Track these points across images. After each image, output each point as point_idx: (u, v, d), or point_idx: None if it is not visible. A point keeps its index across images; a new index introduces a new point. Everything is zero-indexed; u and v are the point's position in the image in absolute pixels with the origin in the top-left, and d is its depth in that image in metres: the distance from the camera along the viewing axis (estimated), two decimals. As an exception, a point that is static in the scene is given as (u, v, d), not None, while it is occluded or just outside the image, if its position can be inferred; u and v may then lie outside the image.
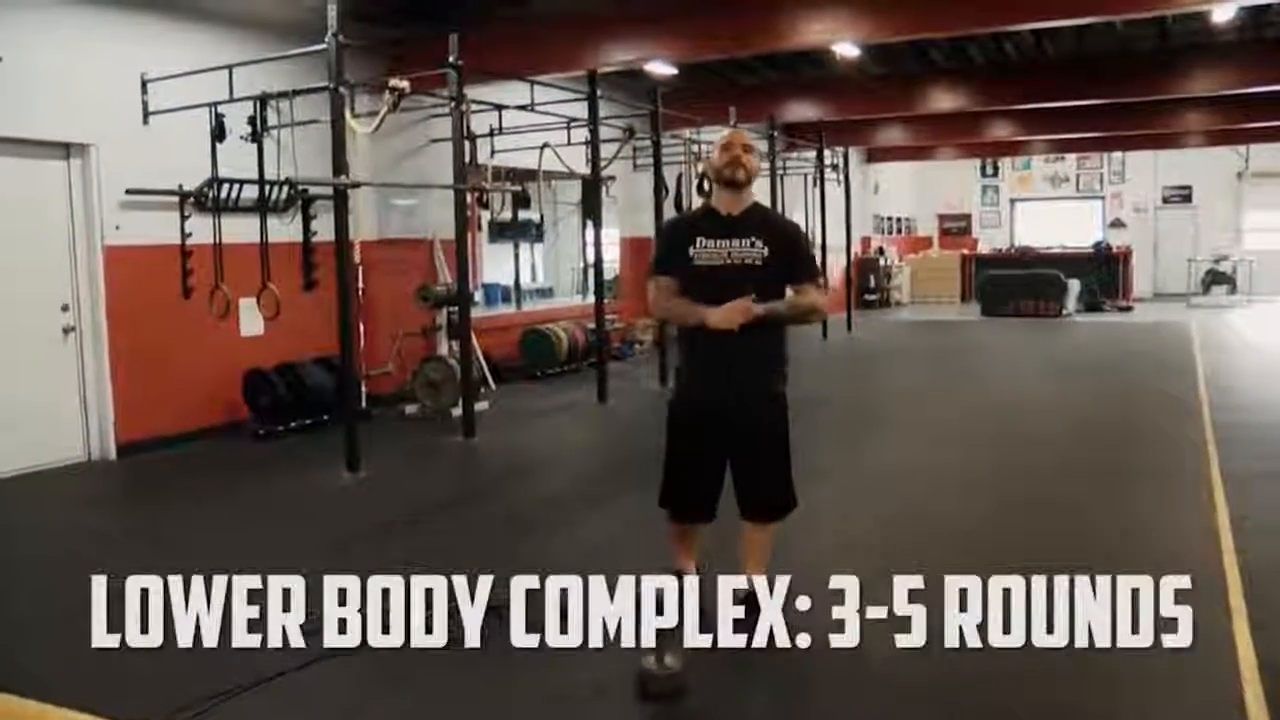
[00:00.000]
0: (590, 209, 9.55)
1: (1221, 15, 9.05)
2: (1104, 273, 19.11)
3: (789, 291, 3.46)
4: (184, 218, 7.29)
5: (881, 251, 20.50)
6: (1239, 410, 8.07)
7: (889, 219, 21.71)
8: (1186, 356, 11.60)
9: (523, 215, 10.43)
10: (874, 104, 12.92)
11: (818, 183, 14.35)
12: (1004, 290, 17.49)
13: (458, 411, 7.83)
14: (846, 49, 9.22)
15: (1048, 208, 22.69)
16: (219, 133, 7.15)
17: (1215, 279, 19.62)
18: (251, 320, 7.67)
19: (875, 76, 12.25)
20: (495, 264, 10.97)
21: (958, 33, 9.47)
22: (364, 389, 8.40)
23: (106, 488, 6.68)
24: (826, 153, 14.32)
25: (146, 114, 7.13)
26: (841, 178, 15.20)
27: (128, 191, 7.04)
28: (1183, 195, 21.35)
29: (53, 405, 6.80)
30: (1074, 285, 17.62)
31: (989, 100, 12.87)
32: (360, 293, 8.36)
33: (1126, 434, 7.50)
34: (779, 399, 3.51)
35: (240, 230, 7.45)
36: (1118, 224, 21.63)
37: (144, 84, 7.10)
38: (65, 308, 6.88)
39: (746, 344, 3.34)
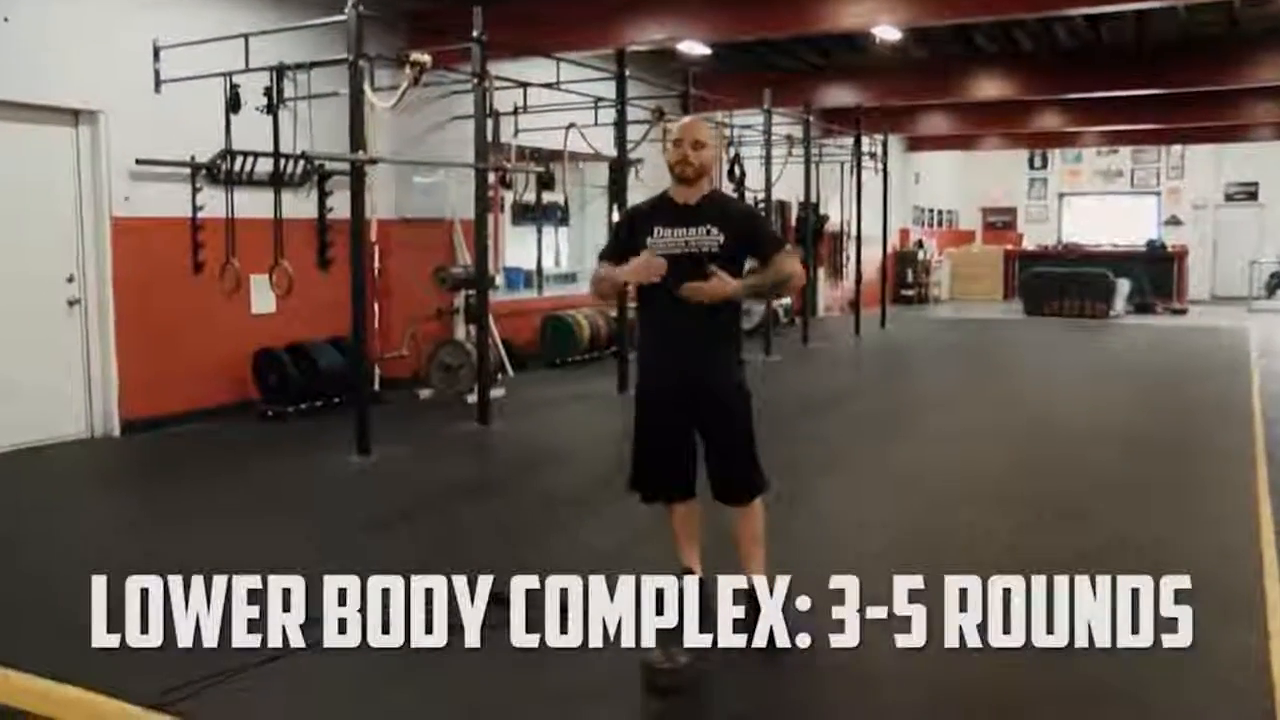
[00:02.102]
0: (617, 192, 9.27)
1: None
2: (1156, 273, 18.40)
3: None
4: (195, 190, 7.19)
5: (920, 245, 19.94)
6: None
7: (929, 211, 21.11)
8: (1242, 363, 11.08)
9: (547, 197, 10.18)
10: (915, 90, 12.52)
11: (854, 171, 13.95)
12: (1048, 288, 16.86)
13: (473, 398, 7.65)
14: (887, 32, 8.85)
15: (1099, 203, 22.00)
16: (233, 104, 7.03)
17: (1281, 282, 18.89)
18: (263, 297, 7.55)
19: (917, 62, 11.81)
20: (517, 247, 10.73)
21: (1005, 16, 9.05)
22: (377, 371, 8.23)
23: (108, 465, 6.57)
24: (865, 140, 13.90)
25: (159, 82, 6.96)
26: (880, 166, 14.75)
27: (138, 161, 6.89)
28: (1248, 192, 20.52)
29: (55, 379, 6.68)
30: (1123, 285, 16.98)
31: (1038, 88, 12.39)
32: (376, 272, 8.19)
33: (1169, 444, 7.12)
34: (739, 387, 3.55)
35: (253, 205, 7.35)
36: (1174, 221, 20.87)
37: (156, 51, 6.93)
38: (70, 279, 6.75)
39: (694, 333, 3.45)
